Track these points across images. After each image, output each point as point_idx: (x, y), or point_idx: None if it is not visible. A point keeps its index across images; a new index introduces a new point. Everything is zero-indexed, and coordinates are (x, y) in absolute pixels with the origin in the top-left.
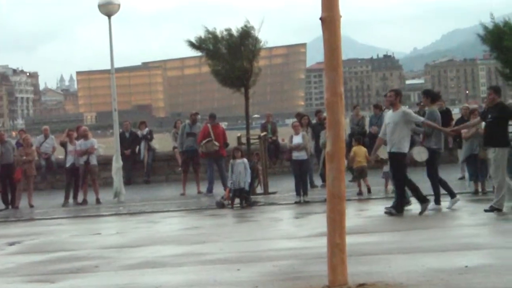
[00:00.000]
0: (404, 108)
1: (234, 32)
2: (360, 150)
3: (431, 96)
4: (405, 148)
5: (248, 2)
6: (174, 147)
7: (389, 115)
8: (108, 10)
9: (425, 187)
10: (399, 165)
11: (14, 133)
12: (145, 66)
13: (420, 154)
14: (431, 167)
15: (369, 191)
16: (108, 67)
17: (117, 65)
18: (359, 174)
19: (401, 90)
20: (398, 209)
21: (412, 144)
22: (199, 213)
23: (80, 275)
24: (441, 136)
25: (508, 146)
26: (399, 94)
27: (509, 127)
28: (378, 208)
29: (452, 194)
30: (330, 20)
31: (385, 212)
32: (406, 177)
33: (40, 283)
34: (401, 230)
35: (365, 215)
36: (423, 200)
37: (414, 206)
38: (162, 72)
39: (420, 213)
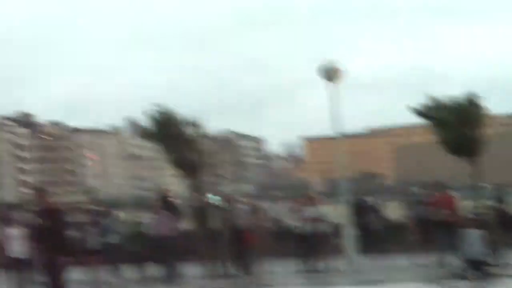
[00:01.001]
0: None
1: (460, 100)
2: None
3: None
4: None
5: (468, 70)
6: (406, 215)
7: None
8: (329, 74)
9: None
10: None
11: (242, 199)
12: (372, 132)
13: None
14: None
15: None
16: (332, 133)
17: (343, 131)
18: None
19: None
20: None
21: None
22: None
23: None
24: None
25: None
26: None
27: None
28: None
29: None
30: None
31: None
32: None
33: None
34: None
35: None
36: None
37: None
38: (388, 139)
39: None
